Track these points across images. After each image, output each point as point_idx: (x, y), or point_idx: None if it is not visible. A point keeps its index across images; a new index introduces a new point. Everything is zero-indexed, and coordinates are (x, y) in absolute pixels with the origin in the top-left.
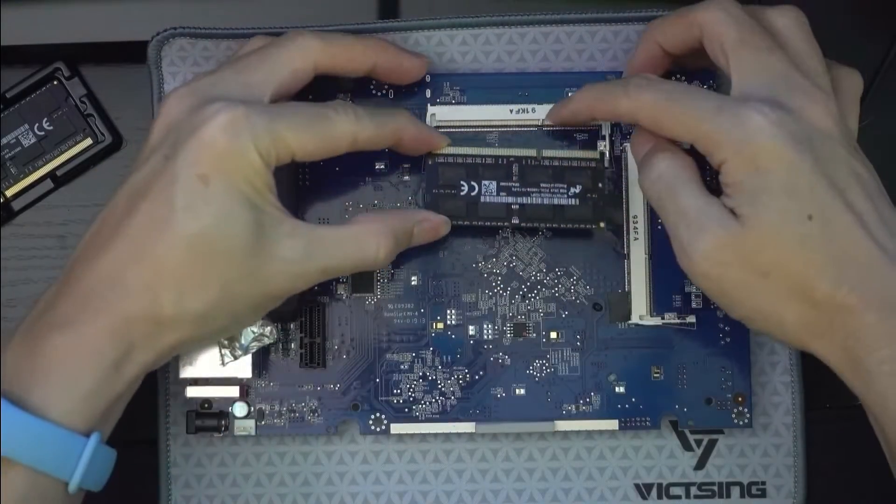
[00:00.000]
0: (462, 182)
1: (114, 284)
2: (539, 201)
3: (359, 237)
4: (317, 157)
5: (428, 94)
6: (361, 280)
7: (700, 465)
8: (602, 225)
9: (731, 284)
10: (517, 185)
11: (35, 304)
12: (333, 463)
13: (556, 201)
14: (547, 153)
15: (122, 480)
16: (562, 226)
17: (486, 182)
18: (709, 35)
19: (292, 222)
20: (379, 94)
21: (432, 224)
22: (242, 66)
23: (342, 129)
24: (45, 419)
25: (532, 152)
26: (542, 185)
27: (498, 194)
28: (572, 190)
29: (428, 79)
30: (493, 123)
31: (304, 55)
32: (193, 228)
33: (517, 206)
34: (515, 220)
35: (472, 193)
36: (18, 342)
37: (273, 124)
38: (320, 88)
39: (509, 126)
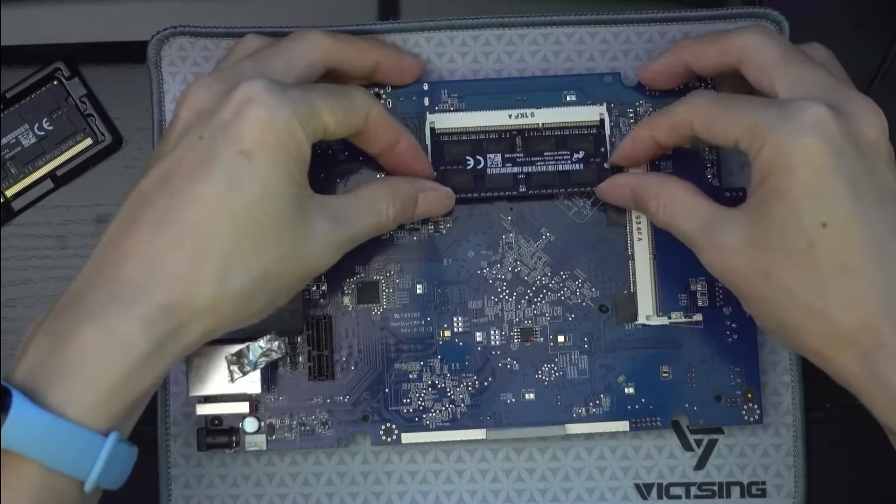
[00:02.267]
0: (468, 157)
1: (151, 270)
2: (544, 169)
3: (372, 200)
4: (343, 133)
5: (426, 102)
6: (367, 290)
7: (700, 465)
8: None
9: (740, 280)
10: (521, 155)
11: (63, 295)
12: (333, 463)
13: (560, 167)
14: (548, 123)
15: None
16: (569, 190)
17: (492, 155)
18: (750, 58)
19: (320, 196)
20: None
21: (437, 194)
22: (260, 57)
23: (361, 101)
24: (63, 417)
25: (534, 123)
26: (545, 153)
27: (503, 165)
28: (575, 156)
29: (426, 87)
30: (493, 129)
31: (317, 49)
32: (238, 203)
33: (523, 176)
34: (522, 189)
35: (479, 167)
36: (42, 336)
37: (307, 96)
38: None
39: (509, 131)
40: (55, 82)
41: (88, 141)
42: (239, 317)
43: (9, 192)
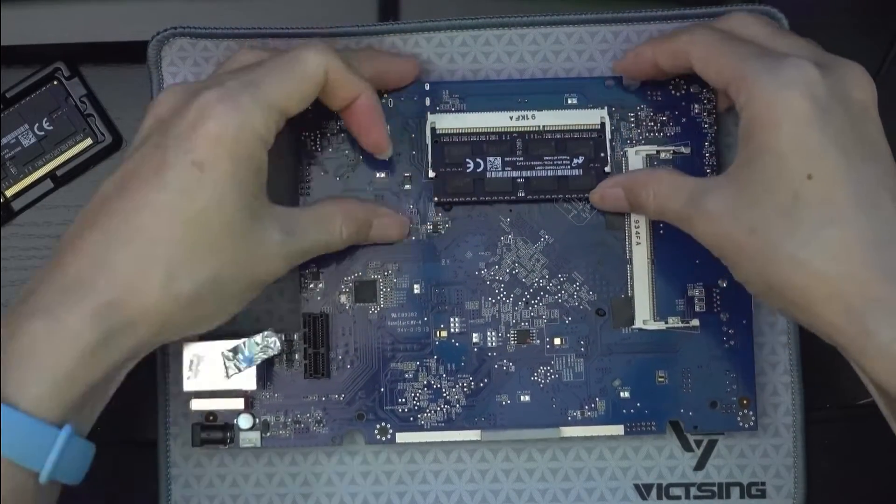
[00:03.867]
0: (468, 160)
1: (101, 267)
2: (543, 174)
3: (325, 218)
4: (305, 105)
5: (427, 102)
6: (364, 289)
7: (700, 465)
8: None
9: (728, 242)
10: (521, 159)
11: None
12: (333, 463)
13: (559, 173)
14: (549, 126)
15: (123, 480)
16: (567, 196)
17: (491, 158)
18: (740, 36)
19: (274, 207)
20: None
21: (391, 221)
22: (251, 73)
23: (314, 67)
24: (14, 407)
25: (535, 126)
26: (545, 157)
27: (503, 169)
28: (575, 161)
29: (427, 87)
30: (493, 130)
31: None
32: (189, 211)
33: (522, 180)
34: (521, 193)
35: (478, 170)
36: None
37: (260, 97)
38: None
39: (509, 133)
40: (55, 82)
41: (88, 141)
42: (187, 320)
43: (9, 192)
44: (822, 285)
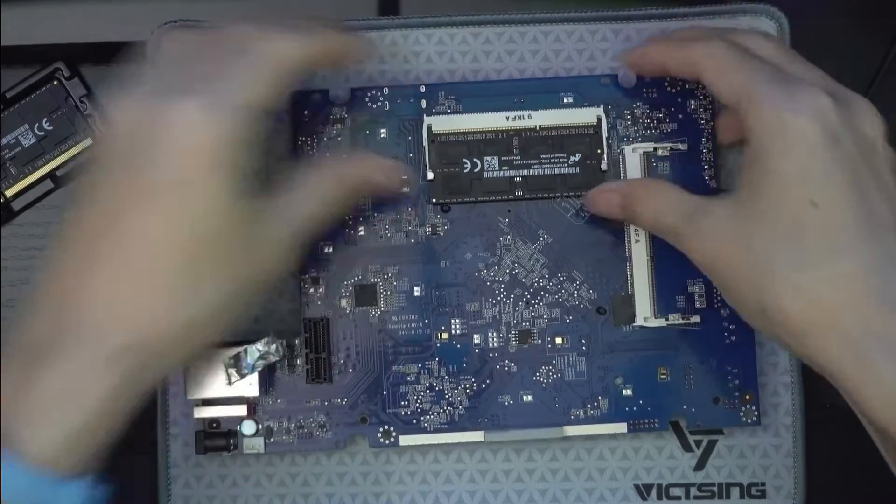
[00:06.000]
0: (465, 160)
1: (106, 309)
2: (541, 172)
3: (319, 189)
4: (282, 96)
5: (423, 104)
6: (364, 293)
7: (700, 465)
8: None
9: (722, 263)
10: (518, 158)
11: (14, 333)
12: (333, 463)
13: (556, 171)
14: (545, 124)
15: (122, 480)
16: (565, 194)
17: (489, 158)
18: (754, 55)
19: (264, 199)
20: (374, 105)
21: (383, 167)
22: (207, 68)
23: (277, 55)
24: (28, 462)
25: (532, 126)
26: (542, 156)
27: (500, 169)
28: (572, 158)
29: (423, 89)
30: (490, 130)
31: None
32: (179, 236)
33: (520, 179)
34: (519, 193)
35: (476, 170)
36: (5, 377)
37: (229, 97)
38: (312, 101)
39: (506, 132)
40: (55, 82)
41: (88, 141)
42: (208, 336)
43: (9, 192)
44: (820, 313)
